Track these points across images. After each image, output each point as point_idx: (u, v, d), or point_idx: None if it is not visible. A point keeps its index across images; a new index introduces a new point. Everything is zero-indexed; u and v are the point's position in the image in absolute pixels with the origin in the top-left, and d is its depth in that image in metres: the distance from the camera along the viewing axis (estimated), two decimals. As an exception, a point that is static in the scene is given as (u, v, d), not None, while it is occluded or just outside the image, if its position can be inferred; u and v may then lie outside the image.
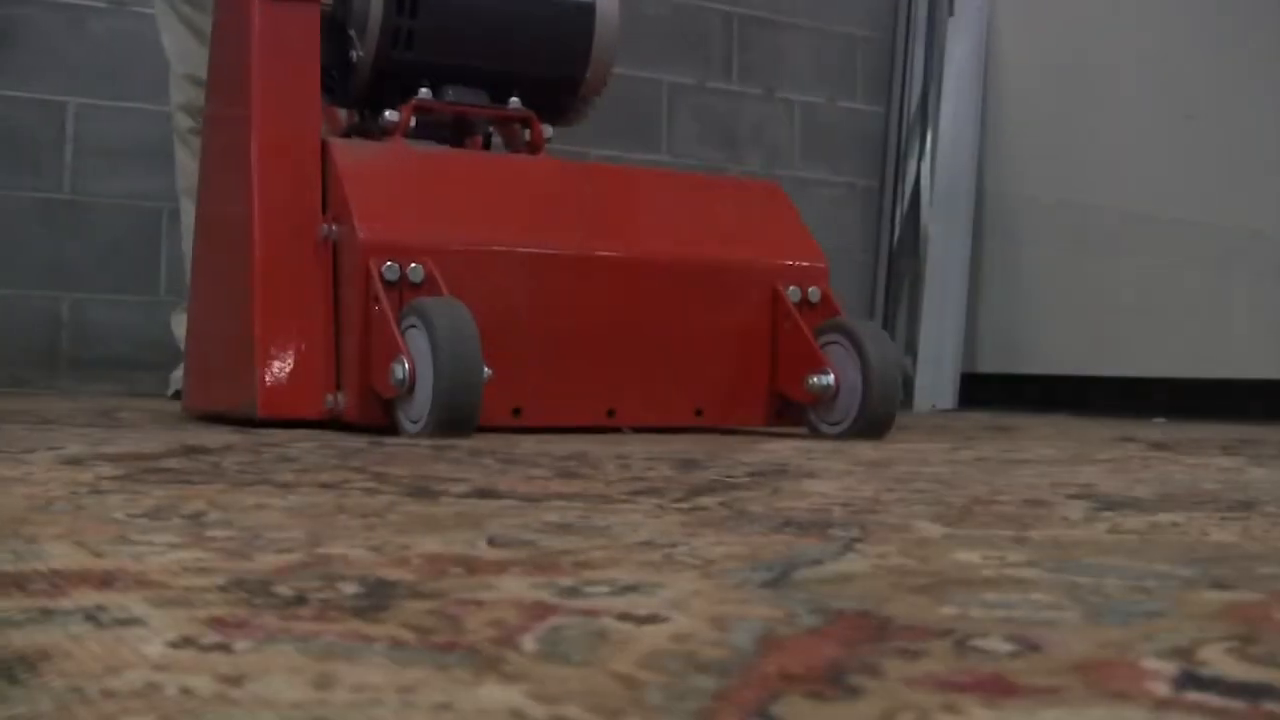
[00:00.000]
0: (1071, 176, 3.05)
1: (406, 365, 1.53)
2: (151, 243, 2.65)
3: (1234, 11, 2.76)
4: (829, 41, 3.39)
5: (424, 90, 1.86)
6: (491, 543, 0.66)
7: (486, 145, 2.00)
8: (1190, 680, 0.40)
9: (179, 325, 2.41)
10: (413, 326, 1.55)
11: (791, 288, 1.87)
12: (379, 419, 1.62)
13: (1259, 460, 1.41)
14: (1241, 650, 0.43)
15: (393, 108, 1.84)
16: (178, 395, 2.28)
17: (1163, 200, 2.85)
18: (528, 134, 1.95)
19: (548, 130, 1.94)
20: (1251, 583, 0.57)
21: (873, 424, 1.75)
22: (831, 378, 1.77)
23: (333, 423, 1.65)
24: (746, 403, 1.87)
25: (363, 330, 1.63)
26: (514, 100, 1.93)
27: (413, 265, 1.62)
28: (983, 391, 3.17)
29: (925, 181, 3.28)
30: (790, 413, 1.87)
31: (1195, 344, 2.78)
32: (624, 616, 0.48)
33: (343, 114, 2.01)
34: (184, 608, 0.48)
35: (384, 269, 1.61)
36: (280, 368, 1.65)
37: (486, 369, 1.51)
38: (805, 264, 1.91)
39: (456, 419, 1.50)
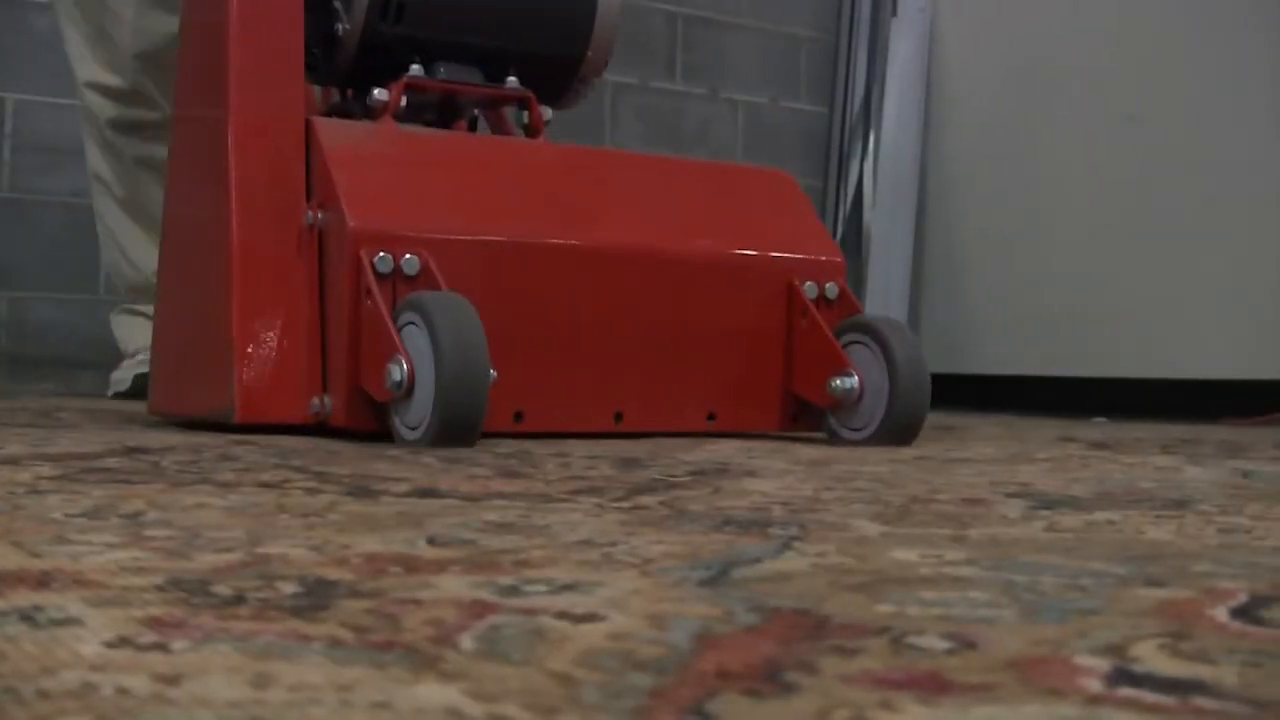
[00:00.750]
0: (1014, 177, 3.07)
1: (404, 366, 1.38)
2: (92, 241, 2.63)
3: (1177, 14, 2.78)
4: (773, 42, 3.40)
5: (415, 67, 1.72)
6: (431, 542, 0.66)
7: (472, 130, 1.87)
8: (1122, 677, 0.40)
9: (119, 325, 2.40)
10: (411, 324, 1.41)
11: (808, 283, 1.74)
12: (370, 424, 1.48)
13: (1196, 459, 1.42)
14: (1173, 647, 0.44)
15: (381, 86, 1.69)
16: (119, 396, 2.27)
17: (1105, 202, 2.87)
18: (525, 116, 1.80)
19: (547, 112, 1.81)
20: (1184, 580, 0.58)
21: (900, 429, 1.62)
22: (855, 380, 1.63)
23: (318, 428, 1.52)
24: (760, 406, 1.75)
25: (352, 327, 1.48)
26: (511, 80, 1.78)
27: (407, 256, 1.47)
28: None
29: (868, 182, 3.29)
30: (807, 417, 1.75)
31: (1138, 344, 2.80)
32: (562, 615, 0.48)
33: (318, 93, 1.87)
34: (121, 608, 0.48)
35: (376, 260, 1.46)
36: (260, 368, 1.51)
37: (492, 371, 1.38)
38: (821, 258, 1.79)
39: (460, 425, 1.36)
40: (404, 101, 1.70)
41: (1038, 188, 3.01)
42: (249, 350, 1.51)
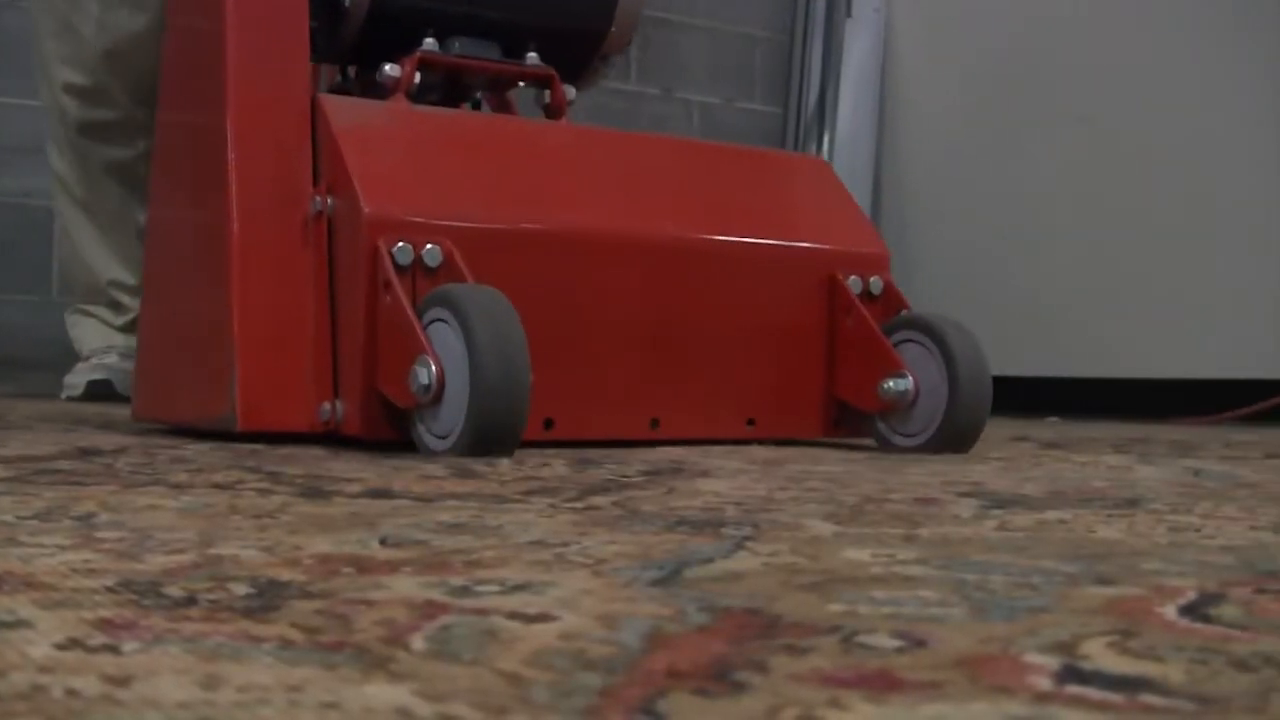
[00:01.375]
0: (968, 177, 3.08)
1: (433, 368, 1.25)
2: (43, 241, 2.63)
3: (1133, 14, 2.79)
4: (727, 42, 3.41)
5: (429, 41, 1.57)
6: (383, 542, 0.66)
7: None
8: (1071, 674, 0.40)
9: (74, 326, 2.40)
10: (439, 320, 1.27)
11: (852, 277, 1.61)
12: (388, 432, 1.35)
13: (1148, 458, 1.43)
14: (1121, 644, 0.44)
15: (391, 61, 1.55)
16: (72, 400, 2.26)
17: (1058, 202, 2.89)
18: (545, 96, 1.66)
19: (570, 92, 1.66)
20: (1134, 578, 0.58)
21: (959, 435, 1.49)
22: (910, 382, 1.50)
23: (328, 436, 1.39)
24: (800, 411, 1.61)
25: (368, 325, 1.34)
26: (531, 55, 1.64)
27: (428, 246, 1.33)
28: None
29: (823, 182, 3.30)
30: (850, 422, 1.62)
31: (1092, 344, 2.81)
32: (513, 615, 0.48)
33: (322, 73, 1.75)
34: (72, 609, 0.48)
35: (395, 250, 1.32)
36: (264, 372, 1.37)
37: None
38: (865, 250, 1.65)
39: (499, 434, 1.23)
40: (418, 78, 1.56)
41: (992, 187, 3.02)
42: (251, 352, 1.37)
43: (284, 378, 1.38)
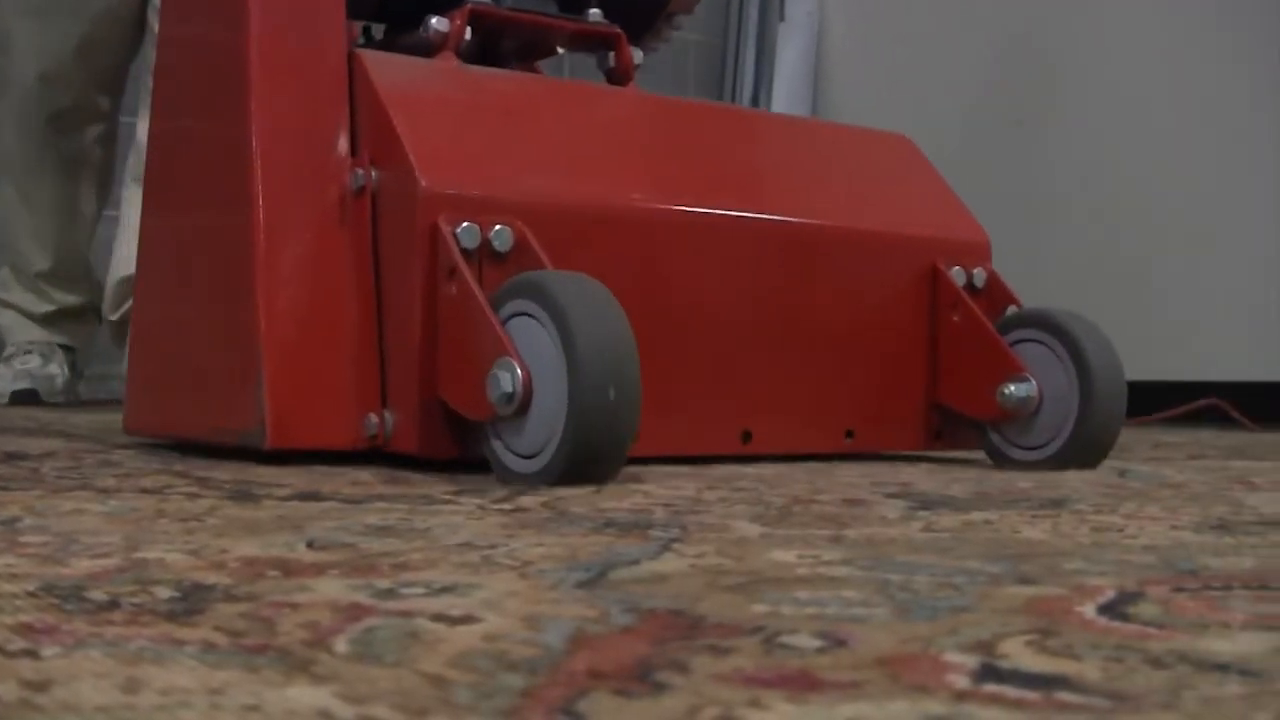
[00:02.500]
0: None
1: (518, 373, 1.02)
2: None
3: (1062, 19, 2.81)
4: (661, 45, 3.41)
5: None
6: (310, 545, 0.66)
7: None
8: (989, 673, 0.41)
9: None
10: (523, 316, 1.05)
11: (955, 268, 1.42)
12: (449, 449, 1.13)
13: (1075, 459, 1.44)
14: (1040, 643, 0.45)
15: (437, 14, 1.31)
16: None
17: (992, 206, 2.90)
18: (611, 59, 1.45)
19: (637, 55, 1.45)
20: (1055, 578, 0.59)
21: (1092, 447, 1.31)
22: (1033, 387, 1.32)
23: (375, 453, 1.18)
24: (900, 420, 1.41)
25: (426, 321, 1.13)
26: (594, 12, 1.43)
27: (497, 227, 1.12)
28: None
29: (756, 185, 3.31)
30: (955, 433, 1.43)
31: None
32: (438, 617, 0.48)
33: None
34: (-8, 614, 0.48)
35: (459, 231, 1.11)
36: (297, 378, 1.15)
37: None
38: (965, 237, 1.47)
39: (602, 454, 1.01)
40: (469, 34, 1.33)
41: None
42: (281, 355, 1.15)
43: (321, 385, 1.17)
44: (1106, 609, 0.52)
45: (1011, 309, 1.41)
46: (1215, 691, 0.39)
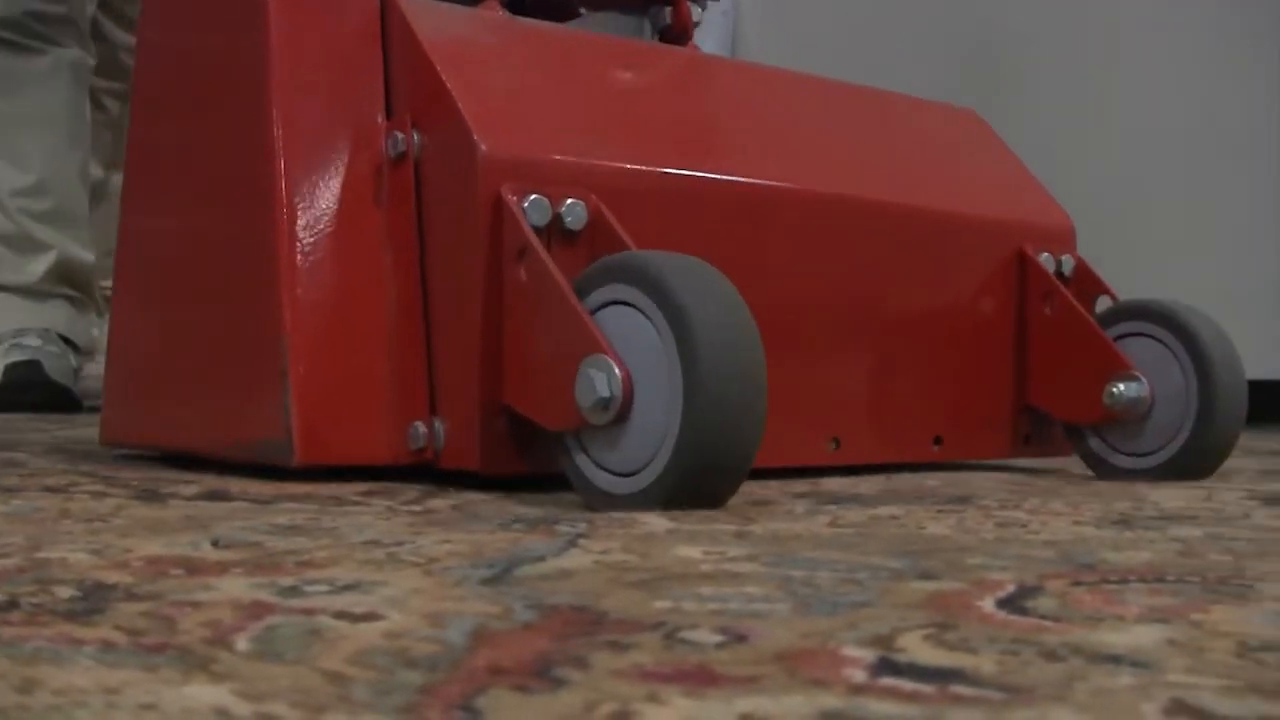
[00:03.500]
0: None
1: (616, 373, 0.84)
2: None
3: (985, 17, 2.83)
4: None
5: None
6: (216, 544, 0.66)
7: None
8: (886, 666, 0.41)
9: None
10: (618, 304, 0.88)
11: (1043, 254, 1.27)
12: (516, 465, 0.96)
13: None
14: (938, 637, 0.45)
15: None
16: None
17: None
18: (667, 14, 1.31)
19: (696, 12, 1.31)
20: (957, 573, 0.59)
21: (1210, 455, 1.17)
22: (1145, 387, 1.17)
23: (424, 469, 1.01)
24: (989, 424, 1.26)
25: (488, 312, 0.94)
26: None
27: (569, 201, 0.95)
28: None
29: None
30: (1043, 439, 1.29)
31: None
32: (340, 615, 0.48)
33: None
34: (-111, 614, 0.47)
35: (527, 205, 0.93)
36: (329, 383, 0.99)
37: None
38: (1050, 221, 1.32)
39: (722, 473, 0.84)
40: None
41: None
42: (310, 356, 0.99)
43: (356, 393, 1.00)
44: (1005, 603, 0.52)
45: (1103, 299, 1.28)
46: (1107, 683, 0.39)
